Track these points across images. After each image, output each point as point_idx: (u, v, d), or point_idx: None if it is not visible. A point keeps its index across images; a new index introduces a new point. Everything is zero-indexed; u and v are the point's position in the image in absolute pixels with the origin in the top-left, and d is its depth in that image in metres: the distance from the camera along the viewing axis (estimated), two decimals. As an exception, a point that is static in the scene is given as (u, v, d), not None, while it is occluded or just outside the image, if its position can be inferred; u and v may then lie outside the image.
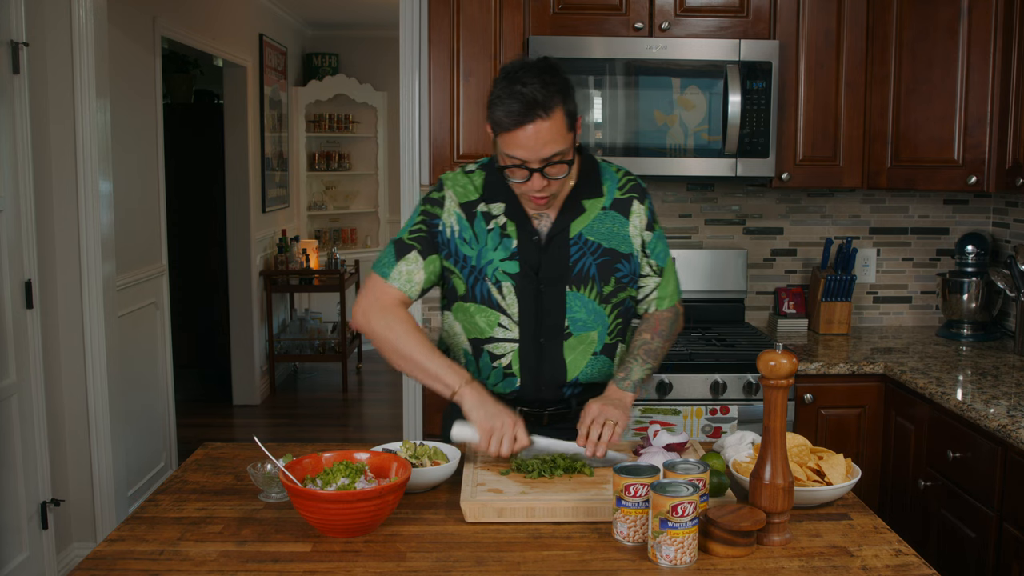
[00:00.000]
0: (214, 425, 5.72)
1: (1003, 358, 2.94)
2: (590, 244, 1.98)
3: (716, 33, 3.06)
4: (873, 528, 1.65)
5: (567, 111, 1.79)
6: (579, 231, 1.97)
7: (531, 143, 1.77)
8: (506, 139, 1.79)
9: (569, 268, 1.97)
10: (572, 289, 1.97)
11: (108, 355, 3.56)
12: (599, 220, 1.99)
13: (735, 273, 3.36)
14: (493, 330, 1.99)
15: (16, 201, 3.09)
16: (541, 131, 1.76)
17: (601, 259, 1.98)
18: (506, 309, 1.98)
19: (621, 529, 1.56)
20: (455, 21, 3.04)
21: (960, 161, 2.98)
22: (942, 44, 2.98)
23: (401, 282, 1.96)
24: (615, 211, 2.00)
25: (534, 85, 1.75)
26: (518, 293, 1.97)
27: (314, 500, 1.54)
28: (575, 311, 1.98)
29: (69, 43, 3.36)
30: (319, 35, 7.71)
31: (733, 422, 2.85)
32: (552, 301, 1.97)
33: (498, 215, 1.97)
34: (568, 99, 1.80)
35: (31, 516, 3.20)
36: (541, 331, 1.99)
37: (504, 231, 1.97)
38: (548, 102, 1.75)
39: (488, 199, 1.98)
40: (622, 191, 2.01)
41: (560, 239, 1.97)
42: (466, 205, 1.99)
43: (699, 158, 3.02)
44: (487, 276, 1.97)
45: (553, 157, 1.80)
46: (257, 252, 6.15)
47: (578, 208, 1.98)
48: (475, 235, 1.97)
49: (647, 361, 2.00)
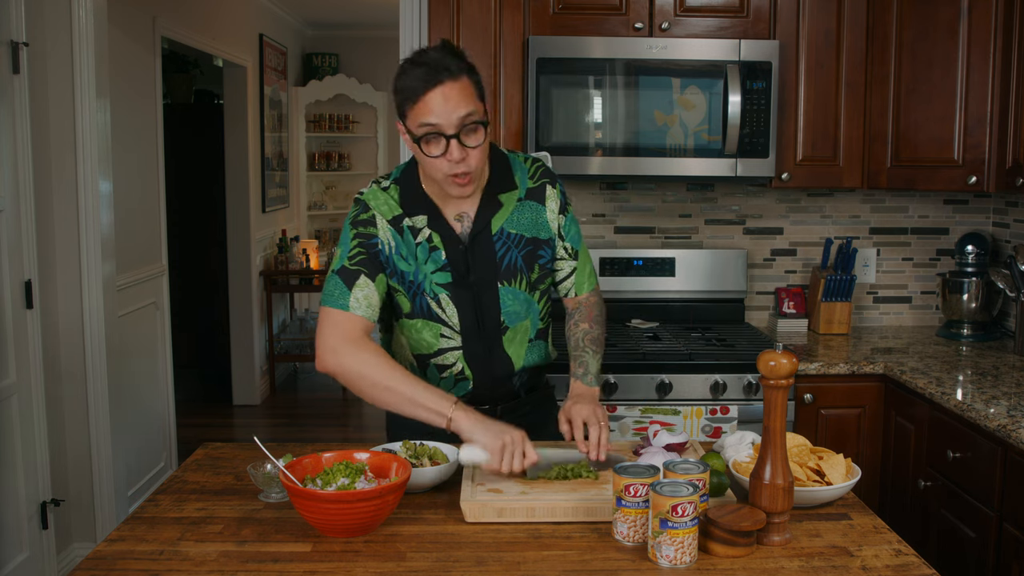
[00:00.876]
0: (214, 425, 5.72)
1: (1003, 358, 2.94)
2: (513, 237, 1.99)
3: (716, 33, 3.06)
4: (873, 528, 1.65)
5: (473, 81, 1.82)
6: (500, 226, 1.98)
7: (442, 106, 1.76)
8: (418, 109, 1.77)
9: (497, 264, 1.98)
10: (503, 284, 1.99)
11: (108, 355, 3.56)
12: (517, 212, 2.00)
13: (735, 273, 3.36)
14: (439, 342, 2.00)
15: (16, 201, 3.09)
16: (451, 92, 1.76)
17: (525, 249, 2.00)
18: (447, 320, 1.98)
19: (621, 529, 1.56)
20: (455, 21, 3.04)
21: (960, 161, 2.98)
22: (942, 44, 2.98)
23: (362, 309, 1.89)
24: (531, 200, 2.01)
25: (435, 56, 1.79)
26: (455, 301, 1.97)
27: (314, 500, 1.54)
28: (508, 305, 2.00)
29: (69, 43, 3.36)
30: (319, 35, 7.71)
31: (733, 422, 2.85)
32: (487, 301, 1.99)
33: (422, 227, 1.95)
34: (473, 72, 1.83)
35: (31, 516, 3.20)
36: (482, 332, 2.00)
37: (431, 243, 1.95)
38: (455, 66, 1.78)
39: (409, 212, 1.95)
40: (534, 179, 2.02)
41: (483, 237, 1.97)
42: (393, 220, 1.95)
43: (699, 158, 3.02)
44: (425, 290, 1.96)
45: (467, 118, 1.78)
46: (257, 252, 6.15)
47: (495, 203, 1.98)
48: (409, 251, 1.95)
49: (597, 351, 2.06)
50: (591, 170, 3.02)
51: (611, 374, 2.83)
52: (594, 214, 3.46)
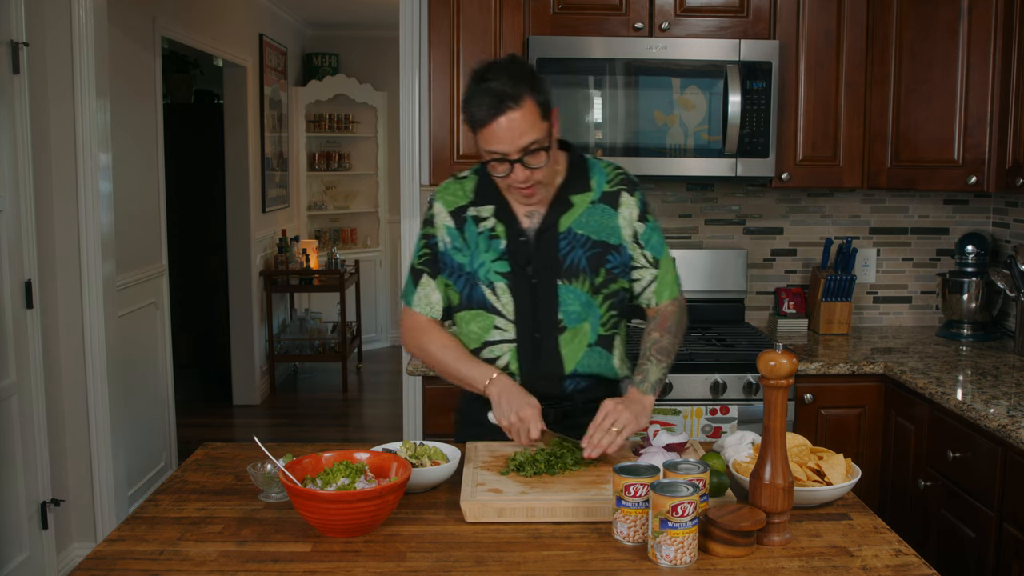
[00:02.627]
0: (214, 425, 5.72)
1: (1003, 358, 2.94)
2: (579, 237, 2.00)
3: (716, 33, 3.06)
4: (873, 528, 1.65)
5: (538, 101, 1.84)
6: (568, 226, 2.00)
7: (506, 135, 1.83)
8: (484, 135, 1.85)
9: (559, 262, 2.00)
10: (563, 282, 2.01)
11: (108, 355, 3.56)
12: (587, 214, 2.01)
13: (735, 273, 3.36)
14: (488, 334, 2.04)
15: (16, 201, 3.09)
16: (514, 121, 1.82)
17: (592, 251, 2.00)
18: (501, 310, 2.03)
19: (621, 529, 1.56)
20: (455, 21, 3.04)
21: (960, 161, 2.98)
22: (942, 44, 2.98)
23: (422, 306, 2.08)
24: (604, 203, 2.02)
25: (501, 79, 1.82)
26: (512, 291, 2.01)
27: (314, 500, 1.54)
28: (568, 304, 2.01)
29: (69, 43, 3.36)
30: (319, 35, 7.71)
31: (733, 422, 2.85)
32: (545, 295, 2.01)
33: (487, 217, 2.02)
34: (537, 90, 1.85)
35: (31, 516, 3.20)
36: (537, 326, 2.02)
37: (493, 232, 2.02)
38: (516, 93, 1.81)
39: (478, 202, 2.04)
40: (611, 184, 2.04)
41: (549, 235, 2.00)
42: (455, 212, 2.05)
43: (699, 158, 3.02)
44: (480, 279, 2.02)
45: (530, 146, 1.84)
46: (257, 252, 6.15)
47: (566, 203, 2.01)
48: (465, 242, 2.03)
49: (661, 360, 2.01)
50: (591, 170, 3.02)
51: (611, 374, 2.83)
52: (594, 214, 3.46)
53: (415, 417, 3.47)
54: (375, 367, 7.26)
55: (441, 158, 3.08)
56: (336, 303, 6.91)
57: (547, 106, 1.87)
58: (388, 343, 7.91)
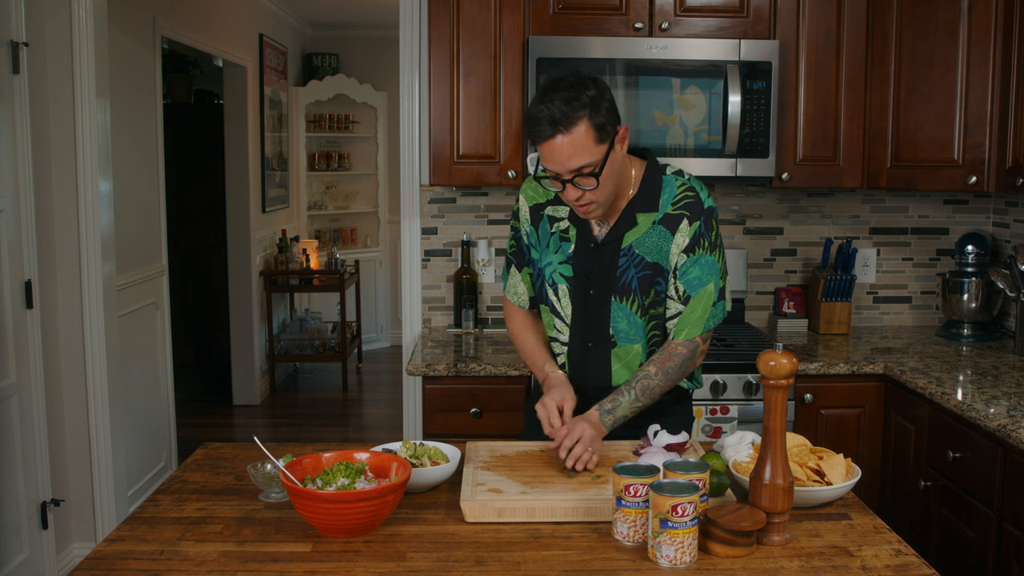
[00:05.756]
0: (214, 425, 5.72)
1: (1003, 358, 2.94)
2: (636, 257, 2.01)
3: (716, 33, 3.06)
4: (873, 528, 1.65)
5: (594, 124, 1.83)
6: (630, 243, 2.01)
7: (556, 157, 1.86)
8: (540, 152, 1.89)
9: (616, 278, 2.02)
10: (616, 299, 2.03)
11: (108, 355, 3.56)
12: (648, 234, 2.01)
13: (735, 273, 3.36)
14: (550, 331, 2.13)
15: (16, 201, 3.09)
16: (564, 146, 1.84)
17: (644, 272, 2.01)
18: (560, 312, 2.09)
19: (621, 529, 1.56)
20: (455, 21, 3.04)
21: (960, 161, 2.98)
22: (942, 44, 2.98)
23: (511, 294, 2.22)
24: (663, 226, 2.00)
25: (556, 102, 1.82)
26: (571, 295, 2.06)
27: (314, 500, 1.54)
28: (618, 321, 2.04)
29: (69, 43, 3.36)
30: (319, 35, 7.71)
31: (733, 422, 2.85)
32: (598, 307, 2.05)
33: (563, 218, 2.07)
34: (596, 112, 1.84)
35: (31, 516, 3.20)
36: (589, 335, 2.07)
37: (565, 235, 2.06)
38: (569, 118, 1.82)
39: (557, 202, 2.09)
40: (675, 207, 2.00)
41: (611, 248, 2.02)
42: (535, 208, 2.12)
43: (699, 158, 3.02)
44: (546, 278, 2.09)
45: (582, 169, 1.86)
46: (257, 252, 6.15)
47: (632, 221, 2.01)
48: (539, 238, 2.10)
49: (639, 399, 1.98)
50: (591, 170, 3.02)
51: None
52: (594, 214, 3.46)
53: (415, 417, 3.47)
54: (375, 367, 7.26)
55: (441, 158, 3.08)
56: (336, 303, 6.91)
57: (605, 128, 1.85)
58: (388, 343, 7.91)
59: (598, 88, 1.86)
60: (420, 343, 3.21)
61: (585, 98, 1.83)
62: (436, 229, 3.47)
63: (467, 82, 3.05)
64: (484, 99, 3.06)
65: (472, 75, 3.05)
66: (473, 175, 3.09)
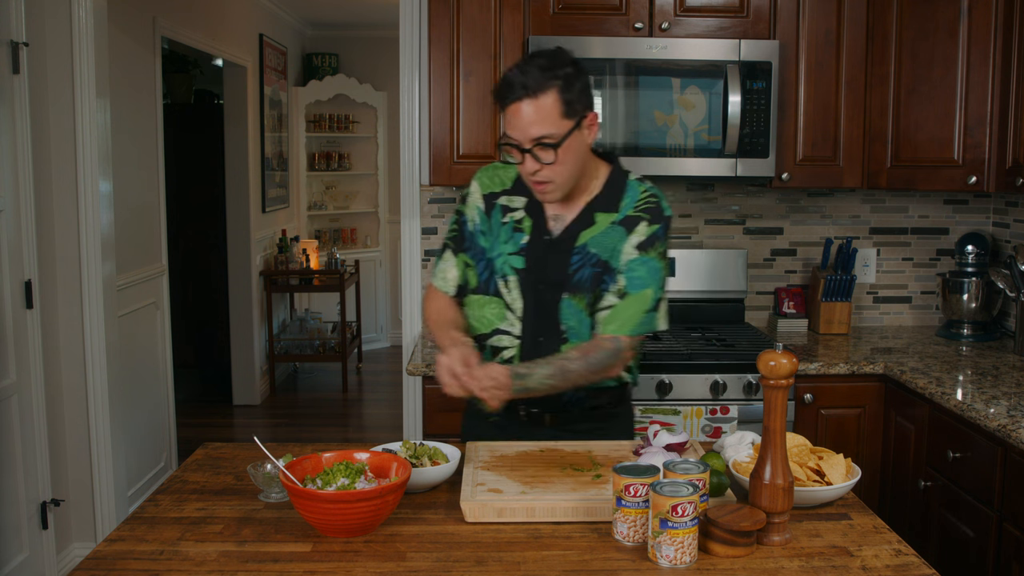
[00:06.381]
0: (214, 425, 5.72)
1: (1003, 358, 2.94)
2: (591, 256, 1.99)
3: (716, 33, 3.06)
4: (873, 528, 1.65)
5: (564, 99, 1.84)
6: (584, 242, 1.99)
7: (520, 122, 1.84)
8: (504, 118, 1.88)
9: (569, 276, 1.99)
10: (567, 296, 2.00)
11: (108, 355, 3.56)
12: (605, 233, 1.99)
13: (735, 273, 3.36)
14: (500, 322, 2.04)
15: (16, 201, 3.09)
16: (529, 112, 1.83)
17: (595, 270, 1.99)
18: (511, 304, 2.03)
19: (621, 529, 1.56)
20: (455, 21, 3.04)
21: (960, 161, 2.98)
22: (942, 44, 2.98)
23: (438, 280, 2.13)
24: (622, 226, 1.99)
25: (532, 69, 1.83)
26: (521, 288, 2.02)
27: (314, 500, 1.54)
28: (568, 318, 2.00)
29: (69, 43, 3.36)
30: (319, 35, 7.71)
31: (733, 422, 2.85)
32: (549, 303, 2.00)
33: (517, 208, 2.04)
34: (568, 88, 1.84)
35: (31, 516, 3.20)
36: (540, 330, 2.02)
37: (518, 226, 2.03)
38: (539, 85, 1.82)
39: (513, 192, 2.05)
40: (636, 209, 1.99)
41: (566, 245, 2.00)
42: (488, 196, 2.07)
43: (699, 158, 3.02)
44: (496, 269, 2.03)
45: (543, 139, 1.84)
46: (257, 252, 6.15)
47: (589, 220, 2.00)
48: (490, 227, 2.05)
49: (553, 377, 1.88)
50: (591, 170, 3.02)
51: (611, 374, 2.83)
52: (594, 214, 3.46)
53: (415, 417, 3.47)
54: (375, 367, 7.26)
55: (441, 158, 3.08)
56: (336, 303, 6.91)
57: (574, 106, 1.85)
58: (388, 343, 7.91)
59: (576, 68, 1.87)
60: (420, 343, 3.21)
61: (561, 72, 1.84)
62: (436, 229, 3.46)
63: (467, 82, 3.05)
64: (484, 99, 3.06)
65: (472, 75, 3.05)
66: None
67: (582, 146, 1.91)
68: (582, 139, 1.90)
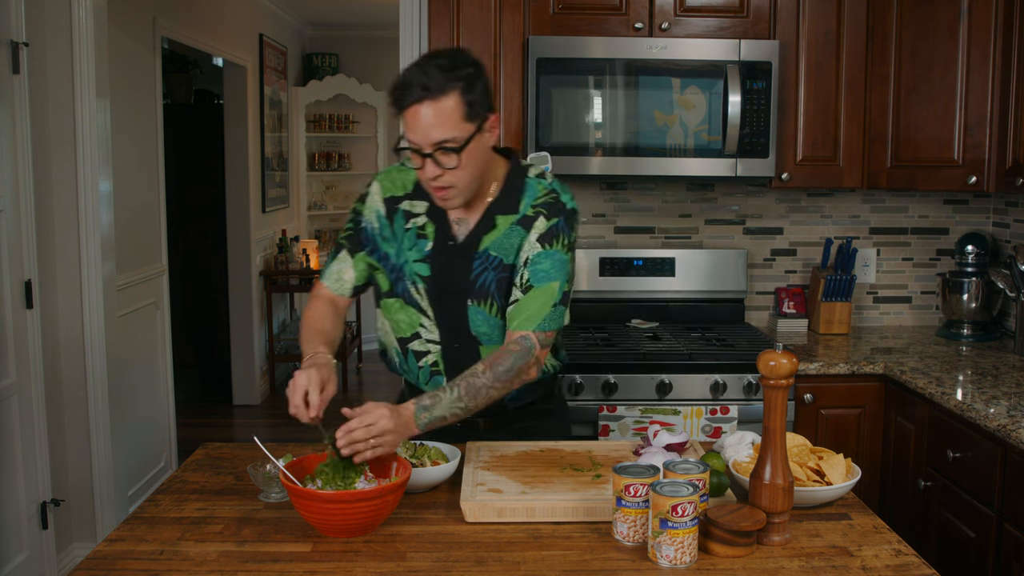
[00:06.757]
0: (214, 425, 5.72)
1: (1003, 358, 2.94)
2: (492, 260, 1.94)
3: (716, 33, 3.06)
4: (873, 528, 1.65)
5: (466, 100, 1.76)
6: (486, 246, 1.94)
7: (420, 125, 1.75)
8: (403, 122, 1.79)
9: (472, 282, 1.94)
10: (473, 303, 1.95)
11: (108, 355, 3.56)
12: (506, 235, 1.94)
13: (735, 273, 3.36)
14: (416, 328, 2.00)
15: (16, 201, 3.09)
16: (429, 114, 1.74)
17: (501, 275, 1.94)
18: (425, 311, 1.98)
19: (621, 529, 1.56)
20: (455, 21, 3.04)
21: (960, 161, 2.98)
22: (942, 44, 2.98)
23: (331, 281, 2.03)
24: (520, 226, 1.94)
25: (432, 69, 1.74)
26: (429, 296, 1.97)
27: (314, 500, 1.54)
28: (478, 325, 1.97)
29: (69, 43, 3.36)
30: (319, 35, 7.71)
31: (733, 422, 2.85)
32: (456, 309, 1.97)
33: (419, 214, 1.97)
34: (470, 89, 1.76)
35: (31, 516, 3.20)
36: (455, 336, 1.99)
37: (421, 232, 1.96)
38: (439, 86, 1.73)
39: (414, 196, 1.98)
40: (534, 208, 1.94)
41: (468, 252, 1.95)
42: (390, 200, 1.99)
43: (699, 158, 3.02)
44: (405, 275, 1.98)
45: (445, 143, 1.76)
46: (257, 252, 6.15)
47: (491, 223, 1.95)
48: (393, 233, 1.98)
49: (462, 399, 1.78)
50: (591, 170, 3.02)
51: (611, 374, 2.83)
52: (594, 214, 3.46)
53: (415, 417, 3.47)
54: (375, 367, 7.26)
55: (441, 158, 3.08)
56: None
57: (476, 107, 1.77)
58: (388, 343, 7.90)
59: (477, 68, 1.80)
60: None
61: (463, 72, 1.76)
62: (436, 229, 3.46)
63: (467, 82, 3.05)
64: (484, 99, 3.05)
65: (472, 75, 3.05)
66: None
67: (484, 149, 1.84)
68: (484, 142, 1.83)
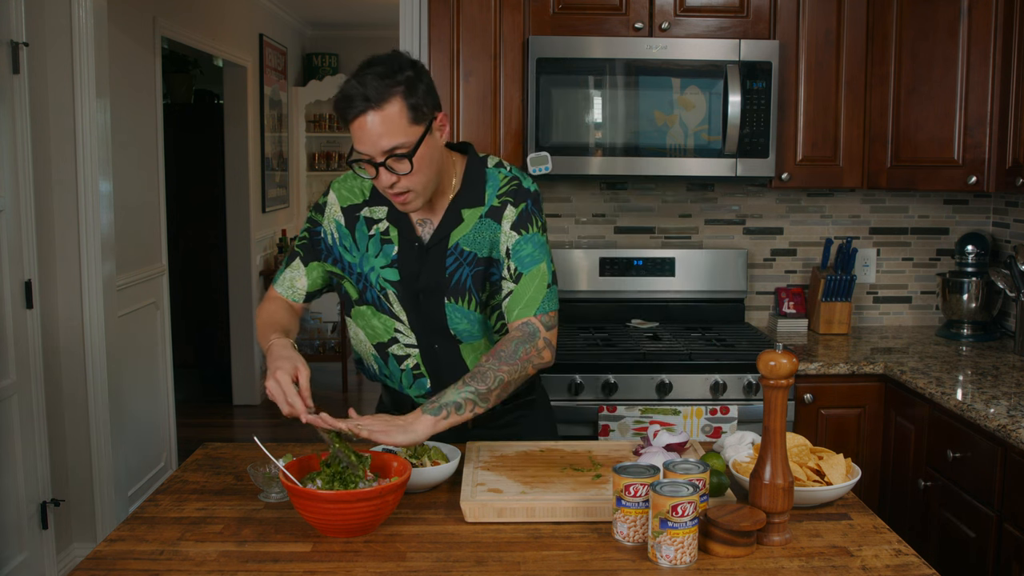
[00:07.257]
0: (214, 425, 5.72)
1: (1003, 358, 2.94)
2: (466, 255, 1.93)
3: (716, 33, 3.06)
4: (873, 528, 1.65)
5: (409, 104, 1.75)
6: (456, 241, 1.94)
7: (367, 136, 1.75)
8: (352, 133, 1.78)
9: (446, 280, 1.94)
10: (450, 301, 1.94)
11: (108, 355, 3.56)
12: (476, 229, 1.94)
13: (735, 273, 3.36)
14: (392, 333, 2.00)
15: (16, 201, 3.09)
16: (375, 124, 1.74)
17: (476, 269, 1.93)
18: (398, 315, 1.97)
19: (621, 529, 1.56)
20: (455, 21, 3.04)
21: (960, 161, 2.98)
22: (942, 44, 2.98)
23: (284, 288, 2.06)
24: (490, 218, 1.93)
25: (370, 78, 1.73)
26: (402, 302, 1.96)
27: (314, 500, 1.54)
28: (457, 322, 1.96)
29: (69, 43, 3.36)
30: (319, 35, 7.71)
31: (733, 422, 2.85)
32: (434, 312, 1.95)
33: (381, 219, 1.96)
34: (412, 93, 1.75)
35: (31, 516, 3.20)
36: (433, 337, 1.98)
37: (385, 237, 1.96)
38: (380, 95, 1.73)
39: (372, 202, 1.97)
40: (499, 197, 1.94)
41: (438, 250, 1.94)
42: (349, 209, 1.98)
43: (699, 158, 3.02)
44: (372, 284, 1.97)
45: (395, 150, 1.76)
46: (257, 252, 6.15)
47: (457, 218, 1.94)
48: (355, 242, 1.97)
49: (468, 383, 1.79)
50: (591, 170, 3.02)
51: (611, 374, 2.83)
52: (594, 214, 3.46)
53: (415, 417, 3.47)
54: (375, 367, 7.25)
55: (441, 158, 3.08)
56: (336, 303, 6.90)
57: (421, 109, 1.77)
58: (388, 343, 7.90)
59: (416, 70, 1.79)
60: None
61: (401, 76, 1.74)
62: (436, 229, 3.46)
63: (467, 82, 3.05)
64: (484, 99, 3.06)
65: (472, 75, 3.05)
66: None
67: (436, 149, 1.83)
68: (435, 142, 1.82)
